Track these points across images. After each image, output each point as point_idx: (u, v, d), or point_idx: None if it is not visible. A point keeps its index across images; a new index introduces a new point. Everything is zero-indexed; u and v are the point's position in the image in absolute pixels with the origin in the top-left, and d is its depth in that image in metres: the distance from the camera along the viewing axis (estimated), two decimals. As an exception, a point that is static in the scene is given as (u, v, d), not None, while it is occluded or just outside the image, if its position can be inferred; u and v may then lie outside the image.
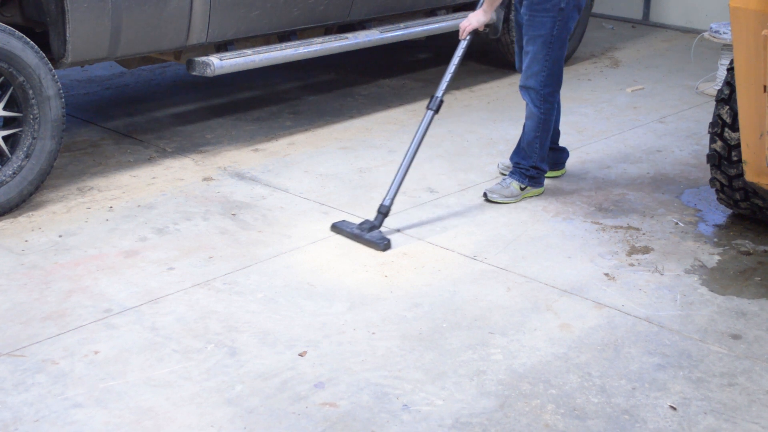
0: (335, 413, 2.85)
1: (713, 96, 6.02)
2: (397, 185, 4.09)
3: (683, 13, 8.12)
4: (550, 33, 4.20)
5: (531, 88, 4.30)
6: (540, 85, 4.28)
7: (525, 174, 4.42)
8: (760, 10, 3.31)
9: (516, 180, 4.42)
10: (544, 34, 4.20)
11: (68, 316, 3.36)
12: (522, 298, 3.55)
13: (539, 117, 4.34)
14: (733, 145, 3.91)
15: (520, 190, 4.41)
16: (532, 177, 4.43)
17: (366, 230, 3.99)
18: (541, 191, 4.51)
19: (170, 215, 4.22)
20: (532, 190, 4.46)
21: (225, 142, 5.18)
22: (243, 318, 3.37)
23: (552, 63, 4.26)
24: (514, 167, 4.48)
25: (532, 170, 4.42)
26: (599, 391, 2.99)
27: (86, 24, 4.24)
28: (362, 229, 4.00)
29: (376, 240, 3.94)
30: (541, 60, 4.24)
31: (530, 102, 4.35)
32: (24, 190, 4.14)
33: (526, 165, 4.42)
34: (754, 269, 3.83)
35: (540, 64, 4.25)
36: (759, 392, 3.00)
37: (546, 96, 4.31)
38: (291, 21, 5.12)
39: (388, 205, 4.05)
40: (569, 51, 6.85)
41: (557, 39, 4.22)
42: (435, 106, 4.18)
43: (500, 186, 4.42)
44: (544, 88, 4.30)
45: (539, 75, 4.26)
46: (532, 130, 4.38)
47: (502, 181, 4.44)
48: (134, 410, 2.84)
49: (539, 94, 4.30)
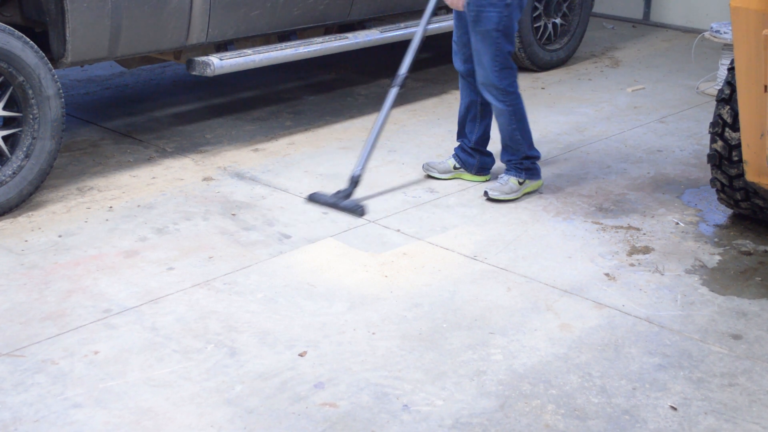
0: (335, 413, 2.84)
1: (714, 96, 6.01)
2: (365, 156, 4.32)
3: (684, 12, 8.12)
4: (496, 28, 4.19)
5: (490, 84, 4.30)
6: (497, 79, 4.28)
7: (520, 168, 4.43)
8: (761, 10, 3.30)
9: (513, 176, 4.43)
10: (491, 29, 4.20)
11: (68, 316, 3.35)
12: (522, 298, 3.55)
13: (508, 110, 4.34)
14: (734, 145, 3.90)
15: (519, 185, 4.42)
16: (527, 168, 4.44)
17: (341, 199, 4.24)
18: (540, 184, 4.51)
19: (170, 215, 4.22)
20: (531, 184, 4.46)
21: (225, 142, 5.18)
22: (243, 318, 3.37)
23: (503, 57, 4.25)
24: (507, 165, 4.48)
25: (525, 161, 4.43)
26: (600, 391, 2.99)
27: (86, 24, 4.24)
28: (337, 197, 4.26)
29: (352, 207, 4.19)
30: (491, 55, 4.24)
31: (493, 99, 4.34)
32: (24, 190, 4.14)
33: (517, 158, 4.43)
34: (755, 269, 3.83)
35: (491, 59, 4.25)
36: (759, 392, 3.00)
37: (507, 88, 4.30)
38: (291, 21, 5.12)
39: (358, 175, 4.27)
40: (569, 51, 6.86)
41: (503, 34, 4.21)
42: (400, 83, 4.43)
43: (499, 184, 4.43)
44: (502, 82, 4.29)
45: (493, 70, 4.26)
46: (507, 125, 4.39)
47: (500, 179, 4.46)
48: (134, 410, 2.84)
49: (499, 89, 4.30)
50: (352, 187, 4.28)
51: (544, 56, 6.63)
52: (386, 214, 4.27)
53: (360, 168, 4.29)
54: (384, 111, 4.39)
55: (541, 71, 6.68)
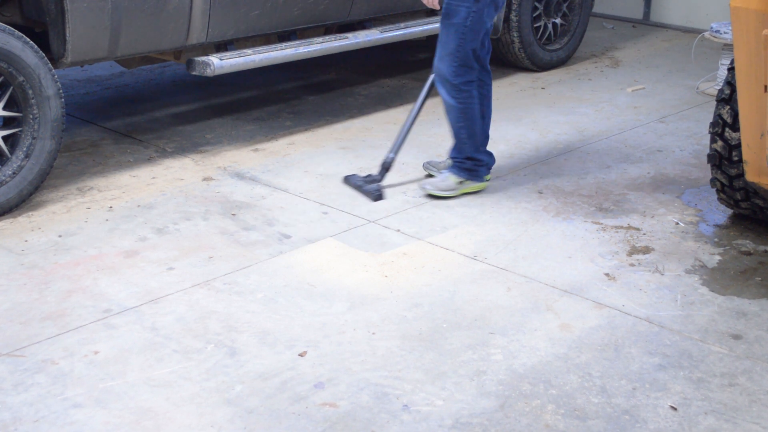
0: (335, 413, 2.84)
1: (714, 96, 6.01)
2: (401, 139, 4.41)
3: (684, 12, 8.12)
4: (463, 23, 4.16)
5: (444, 78, 4.27)
6: (452, 75, 4.25)
7: (461, 167, 4.42)
8: (761, 10, 3.30)
9: (453, 173, 4.43)
10: (457, 23, 4.17)
11: (68, 316, 3.35)
12: (522, 298, 3.55)
13: (457, 107, 4.32)
14: (734, 145, 3.90)
15: (458, 184, 4.41)
16: (468, 170, 4.43)
17: (367, 183, 4.37)
18: (482, 186, 4.49)
19: (170, 215, 4.22)
20: (471, 185, 4.45)
21: (225, 142, 5.18)
22: (243, 318, 3.37)
23: (464, 53, 4.22)
24: (452, 161, 4.48)
25: (467, 162, 4.42)
26: (600, 391, 2.99)
27: (86, 24, 4.24)
28: (365, 181, 4.39)
29: (370, 190, 4.32)
30: (452, 48, 4.22)
31: (445, 94, 4.31)
32: (24, 190, 4.14)
33: (461, 157, 4.42)
34: (755, 269, 3.83)
35: (452, 53, 4.22)
36: (759, 392, 3.00)
37: (460, 86, 4.27)
38: (291, 21, 5.12)
39: (391, 159, 4.34)
40: (570, 51, 6.86)
41: (470, 30, 4.18)
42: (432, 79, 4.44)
43: (438, 179, 4.44)
44: (456, 78, 4.25)
45: (451, 64, 4.23)
46: (456, 122, 4.37)
47: (441, 174, 4.49)
48: (134, 410, 2.84)
49: (452, 84, 4.27)
50: (384, 173, 4.39)
51: (544, 56, 6.63)
52: (386, 214, 4.27)
53: (393, 153, 4.39)
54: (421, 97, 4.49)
55: (541, 71, 6.68)
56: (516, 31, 6.36)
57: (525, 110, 5.80)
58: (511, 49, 6.46)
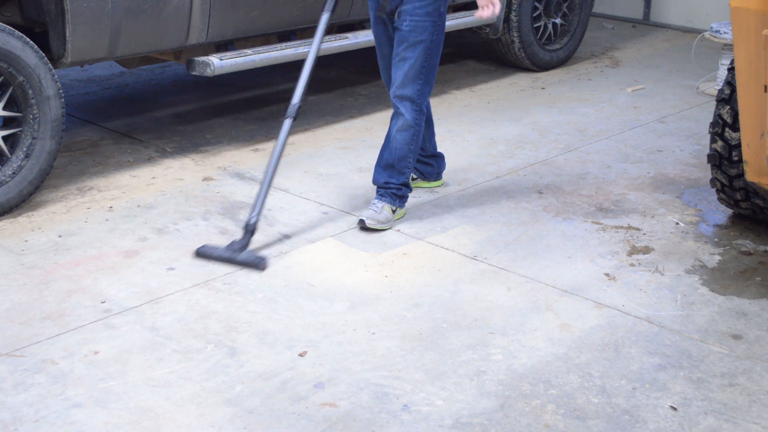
0: (335, 413, 2.84)
1: (714, 96, 6.01)
2: (261, 202, 3.88)
3: (684, 12, 8.12)
4: (430, 38, 4.00)
5: (408, 97, 4.04)
6: (417, 94, 4.06)
7: (396, 194, 4.14)
8: (761, 10, 3.30)
9: (387, 203, 4.12)
10: (425, 40, 3.99)
11: (68, 316, 3.35)
12: (522, 298, 3.55)
13: (414, 129, 4.11)
14: (734, 145, 3.90)
15: (392, 213, 4.13)
16: (402, 197, 4.17)
17: (237, 251, 3.76)
18: (403, 213, 4.23)
19: (170, 215, 4.22)
20: (399, 212, 4.18)
21: (225, 142, 5.18)
22: (243, 318, 3.37)
23: (429, 71, 4.06)
24: (383, 188, 4.16)
25: (403, 189, 4.15)
26: (599, 391, 2.99)
27: (86, 24, 4.24)
28: (232, 250, 3.77)
29: (253, 260, 3.72)
30: (419, 67, 4.02)
31: (406, 113, 4.06)
32: (24, 190, 4.14)
33: (397, 183, 4.13)
34: (755, 269, 3.83)
35: (418, 72, 4.03)
36: (759, 392, 3.00)
37: (421, 106, 4.11)
38: (291, 21, 5.12)
39: (254, 223, 3.83)
40: (570, 51, 6.86)
41: (435, 45, 4.04)
42: (293, 113, 4.03)
43: (373, 211, 4.10)
44: (420, 98, 4.08)
45: (417, 82, 4.05)
46: (406, 144, 4.11)
47: (373, 206, 4.13)
48: (134, 410, 2.84)
49: (415, 104, 4.08)
50: (249, 237, 3.81)
51: (544, 56, 6.63)
52: (386, 214, 4.26)
53: (256, 215, 3.84)
54: (278, 147, 3.97)
55: (541, 71, 6.68)
56: (516, 31, 6.37)
57: (525, 110, 5.80)
58: (511, 49, 6.46)
